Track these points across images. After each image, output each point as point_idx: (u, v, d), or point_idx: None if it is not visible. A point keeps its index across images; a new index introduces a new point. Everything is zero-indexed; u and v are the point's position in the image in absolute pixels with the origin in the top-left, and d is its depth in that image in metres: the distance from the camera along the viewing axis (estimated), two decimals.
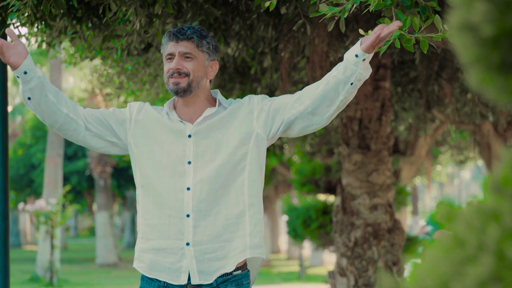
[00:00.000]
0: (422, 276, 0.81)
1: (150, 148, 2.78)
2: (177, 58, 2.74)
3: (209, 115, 2.78)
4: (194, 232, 2.71)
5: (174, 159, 2.74)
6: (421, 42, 2.64)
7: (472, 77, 0.84)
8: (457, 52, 0.84)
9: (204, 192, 2.71)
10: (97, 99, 20.73)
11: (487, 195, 0.81)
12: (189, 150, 2.75)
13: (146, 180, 2.78)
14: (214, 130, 2.76)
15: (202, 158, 2.73)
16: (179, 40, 2.75)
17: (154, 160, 2.77)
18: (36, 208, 14.45)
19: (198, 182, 2.71)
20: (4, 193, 4.14)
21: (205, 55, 2.78)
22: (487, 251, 0.77)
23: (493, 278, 0.76)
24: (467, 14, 0.81)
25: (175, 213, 2.73)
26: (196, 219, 2.71)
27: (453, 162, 15.06)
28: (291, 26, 4.83)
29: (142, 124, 2.82)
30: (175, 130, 2.78)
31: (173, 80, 2.74)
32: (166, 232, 2.74)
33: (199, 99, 2.80)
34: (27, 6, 3.37)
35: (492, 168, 8.59)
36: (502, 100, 0.84)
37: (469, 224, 0.80)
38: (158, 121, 2.81)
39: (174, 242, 2.73)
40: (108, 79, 6.12)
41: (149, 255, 2.78)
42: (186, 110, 2.81)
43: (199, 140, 2.75)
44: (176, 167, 2.73)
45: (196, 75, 2.75)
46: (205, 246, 2.71)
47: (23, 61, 2.66)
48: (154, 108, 2.86)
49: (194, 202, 2.72)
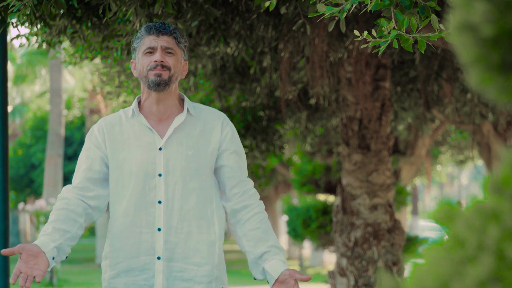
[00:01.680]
0: (422, 276, 0.81)
1: (118, 162, 2.74)
2: (161, 52, 2.70)
3: (178, 126, 2.74)
4: (165, 247, 2.69)
5: (145, 171, 2.70)
6: (419, 42, 2.64)
7: (472, 77, 0.84)
8: (457, 52, 0.84)
9: (176, 208, 2.70)
10: (97, 98, 20.73)
11: (487, 195, 0.81)
12: (159, 162, 2.71)
13: (115, 196, 2.74)
14: (184, 145, 2.73)
15: (173, 172, 2.71)
16: (160, 34, 2.72)
17: (124, 172, 2.73)
18: (36, 208, 14.45)
19: (170, 197, 2.70)
20: (4, 193, 4.13)
21: (181, 52, 2.77)
22: (487, 251, 0.77)
23: (493, 278, 0.76)
24: (467, 14, 0.81)
25: (147, 229, 2.70)
26: (167, 234, 2.69)
27: (453, 162, 15.05)
28: (291, 26, 4.83)
29: (108, 142, 2.76)
30: (144, 142, 2.73)
31: (155, 72, 2.68)
32: (135, 251, 2.70)
33: (171, 97, 2.75)
34: (27, 6, 3.37)
35: (492, 168, 8.59)
36: (502, 100, 0.84)
37: (469, 224, 0.80)
38: (121, 133, 2.76)
39: (145, 258, 2.70)
40: (109, 78, 6.12)
41: (121, 279, 2.73)
42: (155, 109, 2.75)
43: (170, 154, 2.72)
44: (147, 180, 2.70)
45: (176, 71, 2.72)
46: (174, 263, 2.70)
47: (49, 265, 2.54)
48: (111, 119, 2.79)
49: (165, 217, 2.69)
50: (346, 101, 6.11)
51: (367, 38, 2.62)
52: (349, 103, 6.09)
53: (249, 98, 6.49)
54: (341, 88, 6.18)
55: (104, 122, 2.80)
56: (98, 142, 2.76)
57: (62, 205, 2.68)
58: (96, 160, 2.75)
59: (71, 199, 2.70)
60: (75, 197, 2.71)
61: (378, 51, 2.67)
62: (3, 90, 4.17)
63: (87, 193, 2.73)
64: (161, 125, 2.76)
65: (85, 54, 4.79)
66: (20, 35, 4.25)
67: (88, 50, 4.64)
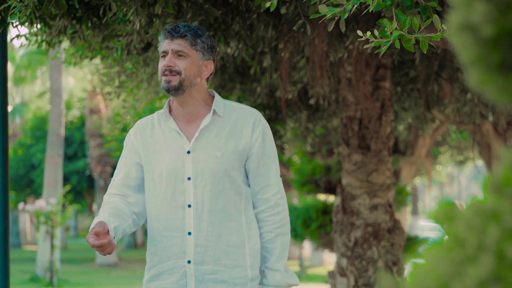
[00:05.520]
0: (422, 276, 0.81)
1: (149, 166, 2.76)
2: (170, 56, 2.70)
3: (206, 128, 2.74)
4: (196, 251, 2.70)
5: (175, 175, 2.71)
6: (421, 42, 2.64)
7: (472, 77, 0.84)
8: (457, 52, 0.84)
9: (205, 211, 2.70)
10: (97, 98, 20.72)
11: (487, 195, 0.81)
12: (188, 166, 2.72)
13: (148, 199, 2.77)
14: (212, 147, 2.73)
15: (201, 175, 2.71)
16: (174, 37, 2.70)
17: (155, 176, 2.75)
18: (36, 208, 14.45)
19: (199, 200, 2.70)
20: (4, 193, 4.13)
21: (199, 54, 2.73)
22: (487, 251, 0.77)
23: (493, 278, 0.76)
24: (467, 14, 0.81)
25: (177, 232, 2.71)
26: (197, 238, 2.70)
27: (453, 162, 15.05)
28: (291, 26, 4.83)
29: (141, 145, 2.79)
30: (173, 146, 2.74)
31: (164, 78, 2.69)
32: (167, 255, 2.73)
33: (193, 99, 2.75)
34: (28, 8, 3.37)
35: (492, 168, 8.59)
36: (502, 100, 0.84)
37: (469, 224, 0.80)
38: (152, 137, 2.78)
39: (175, 262, 2.72)
40: (109, 78, 6.12)
41: (153, 283, 2.77)
42: (182, 111, 2.76)
43: (198, 157, 2.72)
44: (177, 184, 2.71)
45: (187, 74, 2.70)
46: (206, 266, 2.70)
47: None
48: (144, 123, 2.82)
49: (195, 221, 2.70)
50: (346, 101, 6.11)
51: (370, 39, 2.61)
52: (349, 103, 6.09)
53: (249, 98, 6.49)
54: (341, 88, 6.17)
55: (138, 126, 2.83)
56: (134, 147, 2.79)
57: (110, 205, 2.71)
58: (132, 167, 2.78)
59: (117, 202, 2.73)
60: (120, 201, 2.74)
61: (379, 52, 2.67)
62: (3, 90, 4.17)
63: (128, 199, 2.76)
64: (189, 127, 2.76)
65: (85, 54, 4.79)
66: (20, 35, 4.25)
67: (88, 50, 4.64)
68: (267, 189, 2.76)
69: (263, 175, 2.75)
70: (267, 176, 2.76)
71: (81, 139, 24.93)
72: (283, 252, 2.76)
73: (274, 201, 2.76)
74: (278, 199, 2.77)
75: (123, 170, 2.78)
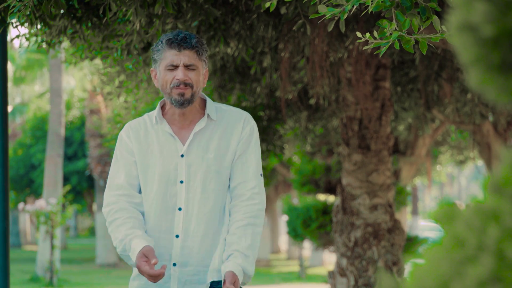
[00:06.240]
0: (422, 276, 0.81)
1: (143, 167, 2.77)
2: (183, 69, 2.66)
3: (199, 132, 2.74)
4: (181, 254, 2.69)
5: (167, 178, 2.71)
6: (420, 43, 2.64)
7: (472, 77, 0.84)
8: (457, 52, 0.84)
9: (195, 214, 2.70)
10: (97, 98, 20.72)
11: (487, 195, 0.81)
12: (181, 169, 2.72)
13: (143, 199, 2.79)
14: (205, 149, 2.73)
15: (194, 178, 2.71)
16: (182, 48, 2.66)
17: (147, 177, 2.75)
18: (36, 208, 14.45)
19: (190, 203, 2.70)
20: (4, 193, 4.13)
21: (203, 64, 2.73)
22: (487, 251, 0.77)
23: (493, 278, 0.76)
24: (467, 14, 0.81)
25: (165, 234, 2.71)
26: (184, 240, 2.70)
27: (453, 162, 15.05)
28: (291, 26, 4.83)
29: (135, 146, 2.78)
30: (167, 149, 2.74)
31: (178, 91, 2.66)
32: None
33: (194, 108, 2.76)
34: (27, 7, 3.37)
35: (492, 168, 8.59)
36: (502, 100, 0.84)
37: (469, 224, 0.80)
38: (146, 138, 2.78)
39: (160, 264, 2.70)
40: (109, 78, 6.12)
41: (136, 281, 2.75)
42: (178, 116, 2.76)
43: (191, 160, 2.72)
44: (169, 187, 2.71)
45: (198, 86, 2.71)
46: (189, 268, 2.70)
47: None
48: (136, 124, 2.81)
49: (184, 224, 2.70)
50: (346, 101, 6.11)
51: (369, 40, 2.62)
52: (349, 103, 6.09)
53: (249, 98, 6.49)
54: (341, 88, 6.17)
55: (130, 127, 2.81)
56: (128, 147, 2.78)
57: (128, 215, 2.69)
58: (132, 166, 2.77)
59: (130, 209, 2.72)
60: (129, 206, 2.73)
61: (379, 52, 2.67)
62: (3, 90, 4.17)
63: (134, 199, 2.76)
64: (183, 130, 2.76)
65: (85, 54, 4.79)
66: (20, 35, 4.25)
67: (88, 50, 4.63)
68: (244, 184, 2.74)
69: (242, 171, 2.74)
70: (246, 172, 2.74)
71: (81, 139, 24.92)
72: (254, 242, 2.67)
73: (248, 195, 2.73)
74: (253, 194, 2.73)
75: (124, 170, 2.77)
